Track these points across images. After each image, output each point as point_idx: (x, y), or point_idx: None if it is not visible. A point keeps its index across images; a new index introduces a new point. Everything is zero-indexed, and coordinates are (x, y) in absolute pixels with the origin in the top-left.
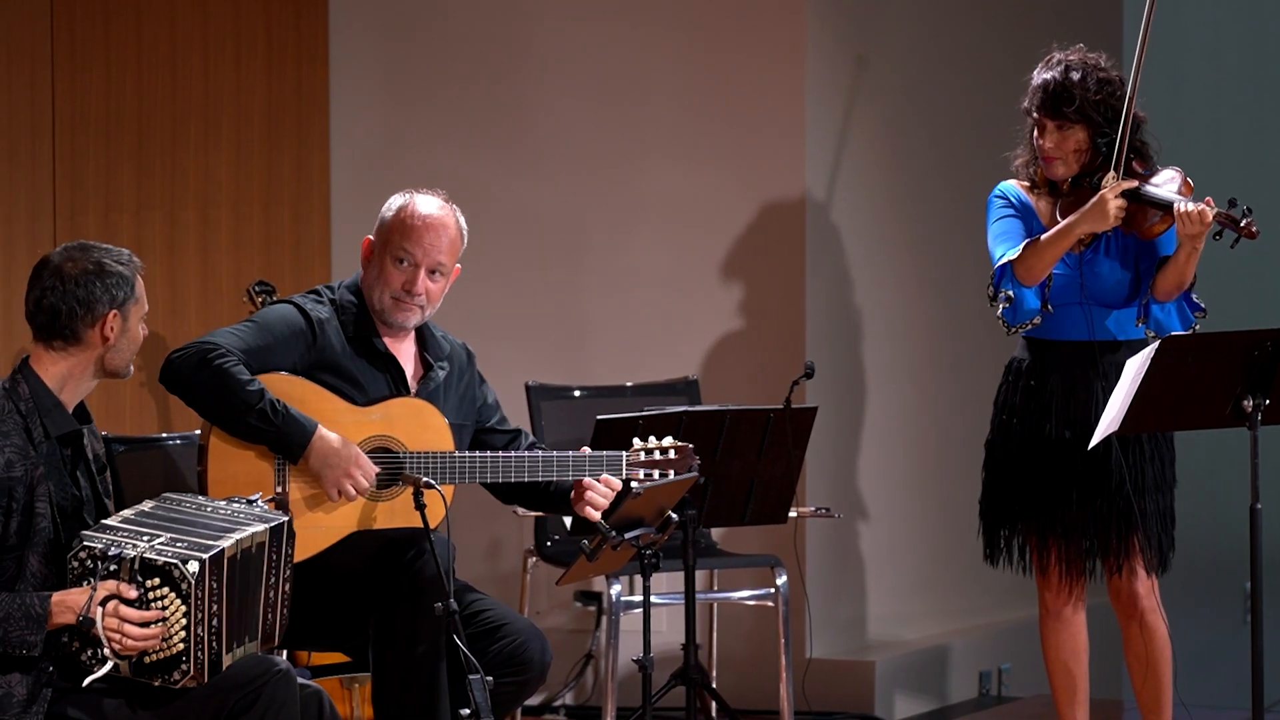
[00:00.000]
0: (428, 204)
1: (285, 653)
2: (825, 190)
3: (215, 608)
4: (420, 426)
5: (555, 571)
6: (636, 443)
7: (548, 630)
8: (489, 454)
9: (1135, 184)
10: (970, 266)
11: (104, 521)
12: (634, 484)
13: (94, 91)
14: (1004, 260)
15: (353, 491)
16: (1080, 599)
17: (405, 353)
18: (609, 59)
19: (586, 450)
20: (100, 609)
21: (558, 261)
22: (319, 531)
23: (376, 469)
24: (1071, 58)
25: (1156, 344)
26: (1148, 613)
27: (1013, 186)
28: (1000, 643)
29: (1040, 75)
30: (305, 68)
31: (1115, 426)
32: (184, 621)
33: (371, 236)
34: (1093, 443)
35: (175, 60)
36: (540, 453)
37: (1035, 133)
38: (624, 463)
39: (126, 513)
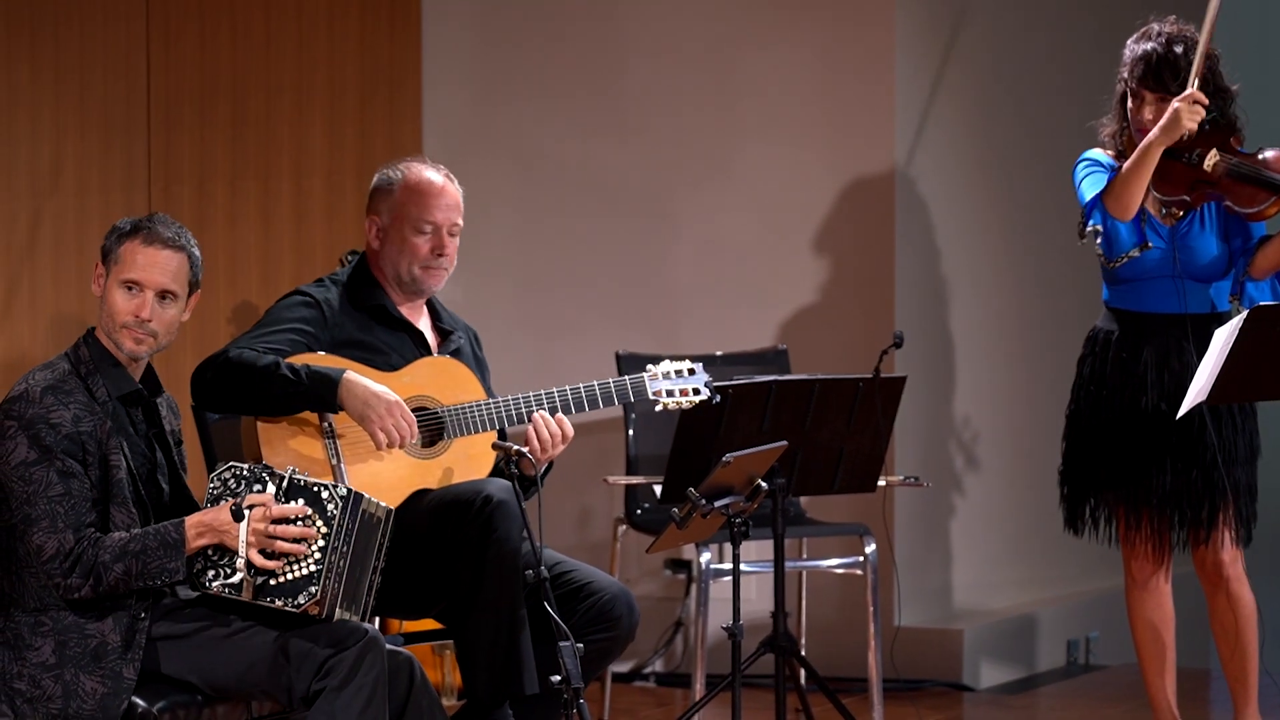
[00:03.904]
0: (423, 170)
1: (376, 620)
2: (915, 159)
3: (345, 549)
4: (449, 380)
5: (645, 539)
6: (650, 367)
7: (638, 598)
8: (526, 394)
9: (1238, 159)
10: (1059, 236)
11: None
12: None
13: (188, 63)
14: (1094, 194)
15: (398, 436)
16: (1167, 569)
17: (421, 323)
18: (699, 27)
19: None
20: (247, 511)
21: (648, 230)
22: (379, 497)
23: (414, 420)
24: (1170, 29)
25: (1245, 314)
26: (1233, 582)
27: (1100, 154)
28: (1088, 611)
29: (1140, 46)
30: (397, 38)
31: (1203, 397)
32: (322, 544)
33: (378, 218)
34: (1181, 412)
35: (269, 31)
36: (569, 386)
37: (1131, 105)
38: (646, 381)
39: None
